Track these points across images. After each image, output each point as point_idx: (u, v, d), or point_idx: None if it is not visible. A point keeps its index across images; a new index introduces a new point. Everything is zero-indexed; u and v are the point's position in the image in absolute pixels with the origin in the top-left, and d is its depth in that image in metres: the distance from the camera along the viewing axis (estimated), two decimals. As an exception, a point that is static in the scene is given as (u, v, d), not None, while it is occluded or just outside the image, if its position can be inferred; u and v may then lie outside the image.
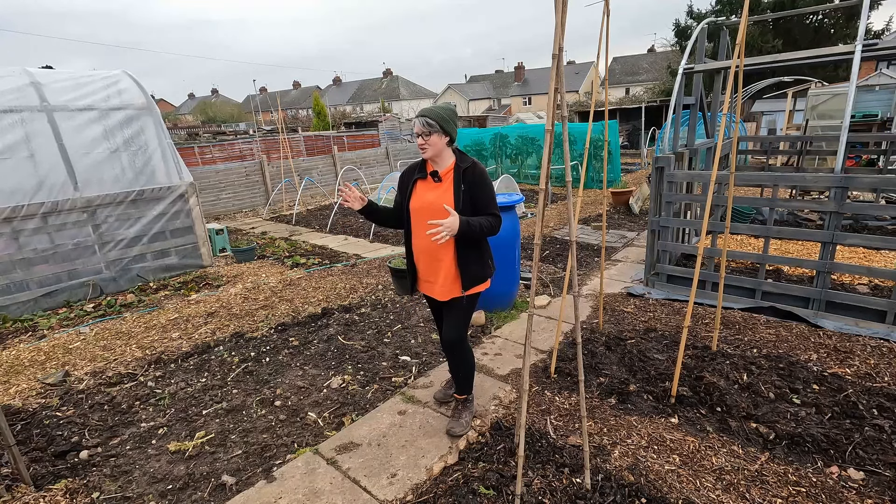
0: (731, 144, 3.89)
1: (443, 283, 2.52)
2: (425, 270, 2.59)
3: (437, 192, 2.45)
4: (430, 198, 2.46)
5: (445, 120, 2.36)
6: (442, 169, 2.46)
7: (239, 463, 2.63)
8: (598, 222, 7.89)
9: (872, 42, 3.91)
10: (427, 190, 2.49)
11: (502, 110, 44.48)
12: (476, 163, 2.48)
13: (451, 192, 2.41)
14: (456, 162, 2.46)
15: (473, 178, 2.43)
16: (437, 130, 2.35)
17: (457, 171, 2.44)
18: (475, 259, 2.52)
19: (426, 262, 2.56)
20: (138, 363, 3.83)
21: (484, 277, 2.57)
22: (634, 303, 4.47)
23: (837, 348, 3.43)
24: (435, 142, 2.38)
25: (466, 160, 2.47)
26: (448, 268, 2.49)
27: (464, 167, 2.43)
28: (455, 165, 2.45)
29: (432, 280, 2.56)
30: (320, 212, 10.13)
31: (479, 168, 2.47)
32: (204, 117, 44.19)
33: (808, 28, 18.72)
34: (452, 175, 2.44)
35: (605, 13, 2.90)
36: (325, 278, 5.72)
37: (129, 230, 5.61)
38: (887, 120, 10.70)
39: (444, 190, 2.43)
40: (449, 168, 2.46)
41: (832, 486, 2.22)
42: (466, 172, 2.43)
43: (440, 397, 3.05)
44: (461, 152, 2.51)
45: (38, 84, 5.26)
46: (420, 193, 2.50)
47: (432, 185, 2.48)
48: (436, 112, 2.37)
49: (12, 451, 2.42)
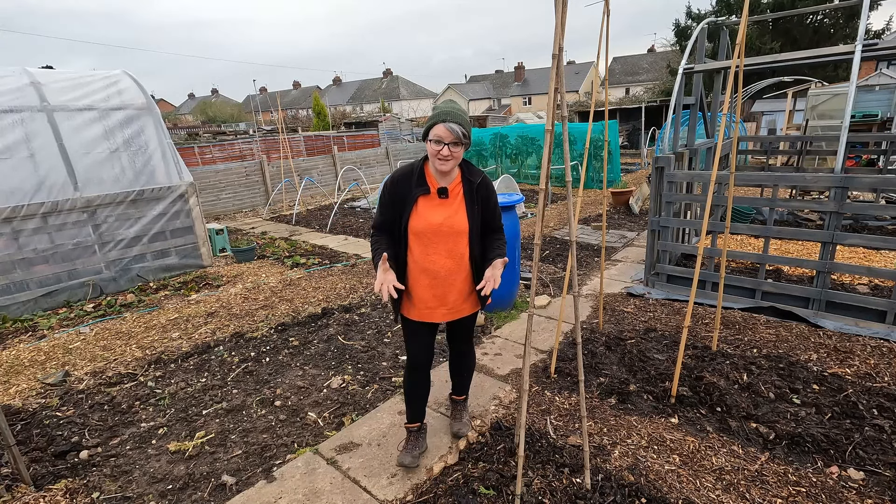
0: (731, 144, 3.89)
1: (452, 306, 2.27)
2: (428, 297, 2.24)
3: (447, 211, 2.13)
4: (437, 219, 2.12)
5: (469, 128, 2.07)
6: (450, 183, 2.15)
7: (239, 463, 2.63)
8: (598, 222, 7.89)
9: (872, 42, 3.91)
10: (432, 208, 2.13)
11: (502, 110, 44.49)
12: (485, 176, 2.22)
13: (464, 212, 2.13)
14: (463, 174, 2.16)
15: (486, 195, 2.18)
16: (464, 143, 2.03)
17: (467, 186, 2.15)
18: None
19: (431, 287, 2.22)
20: (138, 363, 3.83)
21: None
22: (634, 303, 4.47)
23: (837, 348, 3.43)
24: (459, 154, 2.06)
25: (475, 172, 2.19)
26: (460, 290, 2.25)
27: (476, 182, 2.15)
28: (463, 179, 2.15)
29: (434, 306, 2.25)
30: (320, 212, 10.13)
31: (489, 182, 2.23)
32: (204, 117, 44.20)
33: (808, 28, 18.72)
34: (462, 191, 2.15)
35: (605, 13, 2.91)
36: (325, 278, 5.72)
37: (129, 230, 5.61)
38: (887, 120, 10.71)
39: (456, 209, 2.13)
40: (456, 182, 2.15)
41: (832, 486, 2.22)
42: (479, 188, 2.16)
43: (408, 463, 2.43)
44: (468, 162, 2.23)
45: (38, 84, 5.26)
46: (424, 213, 2.13)
47: (438, 201, 2.14)
48: (465, 119, 2.03)
49: (12, 451, 2.42)
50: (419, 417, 2.53)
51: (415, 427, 2.52)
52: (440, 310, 2.27)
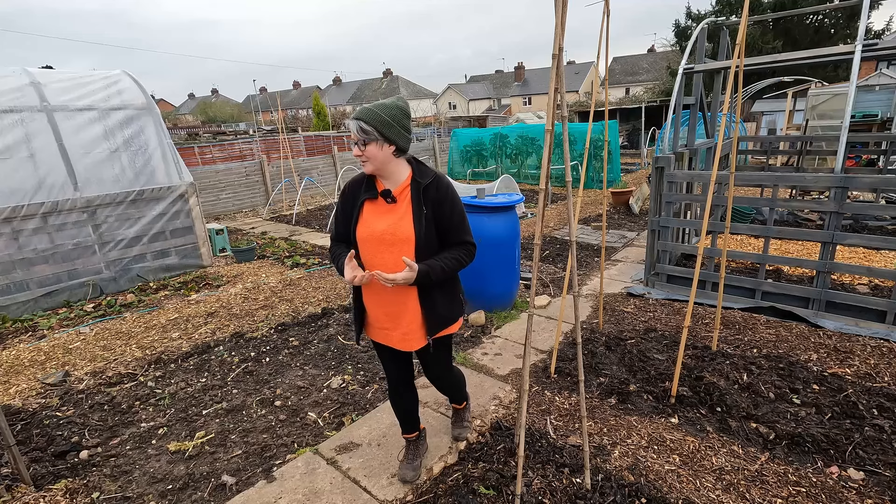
0: (731, 144, 3.89)
1: (406, 330, 2.01)
2: (380, 316, 2.04)
3: (392, 217, 1.90)
4: (381, 226, 1.89)
5: (386, 123, 1.79)
6: (395, 186, 1.91)
7: (239, 463, 2.63)
8: (598, 222, 7.89)
9: (872, 42, 3.91)
10: (378, 215, 1.92)
11: (502, 110, 44.50)
12: (439, 176, 1.94)
13: (410, 218, 1.88)
14: (413, 176, 1.91)
15: (438, 197, 1.89)
16: (375, 138, 1.79)
17: (415, 189, 1.89)
18: (445, 300, 2.03)
19: (380, 305, 2.01)
20: (138, 363, 3.83)
21: (454, 318, 2.09)
22: (634, 303, 4.47)
23: (837, 348, 3.43)
24: (373, 153, 1.82)
25: (427, 173, 1.93)
26: (413, 311, 1.99)
27: (424, 183, 1.89)
28: (412, 180, 1.90)
29: (389, 327, 2.04)
30: (320, 212, 10.13)
31: (443, 183, 1.93)
32: (204, 117, 44.18)
33: (808, 28, 18.73)
34: (410, 194, 1.90)
35: (605, 13, 2.90)
36: (325, 278, 5.72)
37: (129, 230, 5.61)
38: (887, 120, 10.71)
39: (401, 216, 1.89)
40: (405, 184, 1.91)
41: (832, 486, 2.22)
42: (428, 190, 1.89)
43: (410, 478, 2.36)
44: (419, 163, 1.98)
45: (37, 84, 5.26)
46: (369, 219, 1.92)
47: (384, 207, 1.92)
48: (374, 114, 1.78)
49: (12, 451, 2.42)
50: (412, 428, 2.42)
51: (412, 437, 2.43)
52: (395, 333, 2.04)
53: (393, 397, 2.33)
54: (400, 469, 2.41)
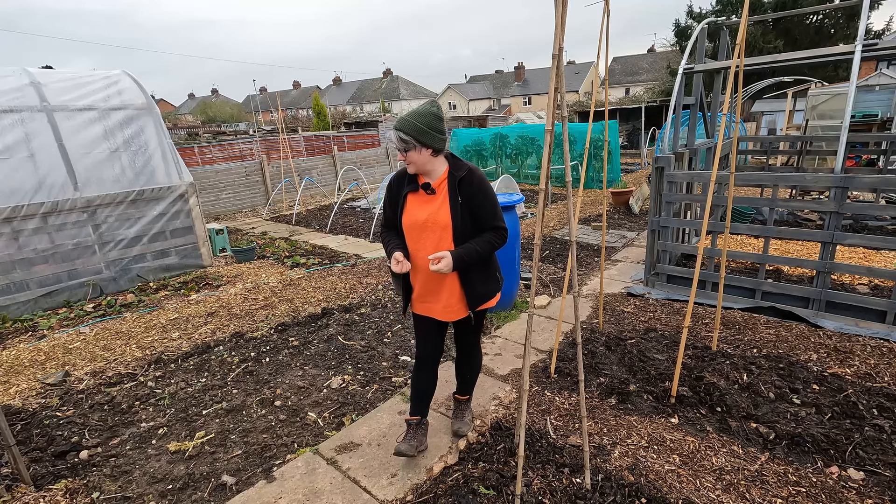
0: (731, 144, 3.89)
1: (447, 304, 2.31)
2: (425, 292, 2.33)
3: (431, 206, 2.19)
4: (423, 214, 2.19)
5: (422, 132, 2.06)
6: (435, 179, 2.20)
7: (239, 463, 2.63)
8: (598, 222, 7.89)
9: (872, 42, 3.91)
10: (419, 204, 2.22)
11: (502, 110, 44.48)
12: (473, 169, 2.21)
13: (448, 207, 2.16)
14: (449, 170, 2.20)
15: (472, 189, 2.16)
16: (414, 146, 2.08)
17: (451, 181, 2.17)
18: (481, 278, 2.29)
19: (425, 282, 2.31)
20: (138, 363, 3.83)
21: (491, 294, 2.35)
22: (634, 303, 4.47)
23: (837, 348, 3.43)
24: (414, 158, 2.12)
25: (461, 167, 2.20)
26: (451, 287, 2.27)
27: (459, 176, 2.16)
28: (449, 174, 2.19)
29: (432, 301, 2.34)
30: (320, 212, 10.13)
31: (477, 176, 2.19)
32: (204, 117, 44.19)
33: (809, 28, 18.73)
34: (447, 186, 2.18)
35: (605, 13, 2.91)
36: (325, 278, 5.72)
37: (129, 230, 5.61)
38: (887, 120, 10.71)
39: (440, 205, 2.17)
40: (442, 178, 2.20)
41: (832, 486, 2.22)
42: (463, 182, 2.16)
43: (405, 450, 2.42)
44: (455, 157, 2.25)
45: (37, 84, 5.26)
46: (412, 209, 2.23)
47: (425, 198, 2.22)
48: (411, 125, 2.07)
49: (12, 451, 2.42)
50: (421, 412, 2.53)
51: (415, 420, 2.52)
52: (437, 306, 2.33)
53: (417, 374, 2.48)
54: (398, 444, 2.46)
